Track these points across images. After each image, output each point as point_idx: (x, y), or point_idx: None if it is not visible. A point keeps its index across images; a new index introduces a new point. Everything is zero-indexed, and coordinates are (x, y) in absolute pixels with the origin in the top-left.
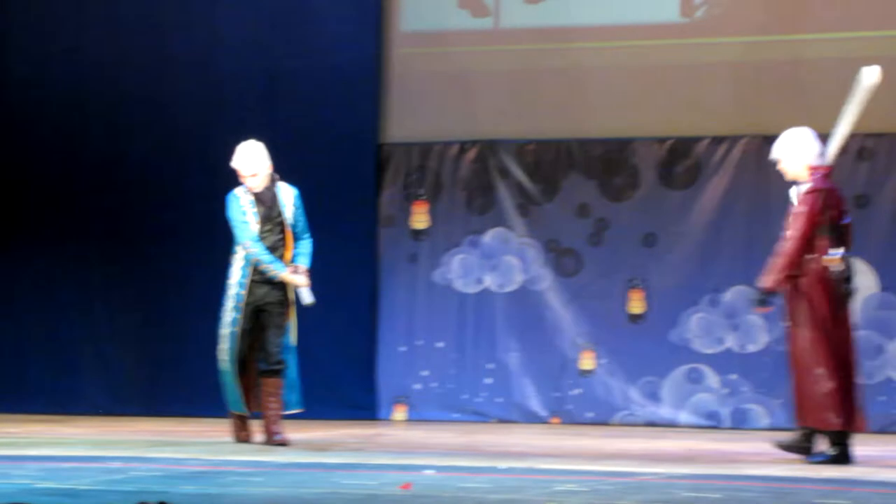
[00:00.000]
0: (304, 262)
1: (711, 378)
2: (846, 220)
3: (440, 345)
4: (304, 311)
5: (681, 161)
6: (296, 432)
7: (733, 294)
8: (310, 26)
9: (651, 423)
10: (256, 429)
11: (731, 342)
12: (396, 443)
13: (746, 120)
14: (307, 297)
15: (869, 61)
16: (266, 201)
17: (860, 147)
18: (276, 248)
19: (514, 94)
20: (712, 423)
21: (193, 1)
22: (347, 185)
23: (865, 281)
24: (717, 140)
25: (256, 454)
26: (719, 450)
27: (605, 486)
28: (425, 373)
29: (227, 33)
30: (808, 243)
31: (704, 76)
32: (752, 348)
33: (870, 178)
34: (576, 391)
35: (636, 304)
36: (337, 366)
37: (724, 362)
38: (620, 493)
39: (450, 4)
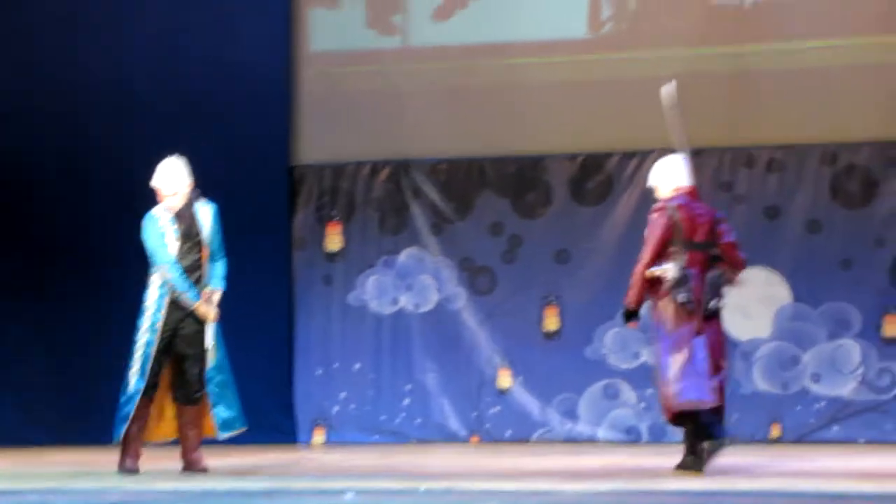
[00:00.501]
0: (218, 285)
1: (628, 393)
2: (727, 240)
3: (357, 366)
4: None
5: (592, 177)
6: (215, 459)
7: (647, 308)
8: (219, 46)
9: (570, 440)
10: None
11: (646, 356)
12: (316, 466)
13: (657, 134)
14: (208, 339)
15: (775, 73)
16: (185, 219)
17: (770, 159)
18: (194, 269)
19: (425, 112)
20: (631, 437)
21: (103, 16)
22: (260, 207)
23: (780, 292)
24: (628, 155)
25: (177, 482)
26: (639, 464)
27: None
28: (343, 395)
29: (138, 49)
30: (658, 260)
31: (613, 91)
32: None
33: (780, 189)
34: (494, 409)
35: (551, 321)
36: (254, 390)
37: (640, 377)
38: None
39: (358, 24)
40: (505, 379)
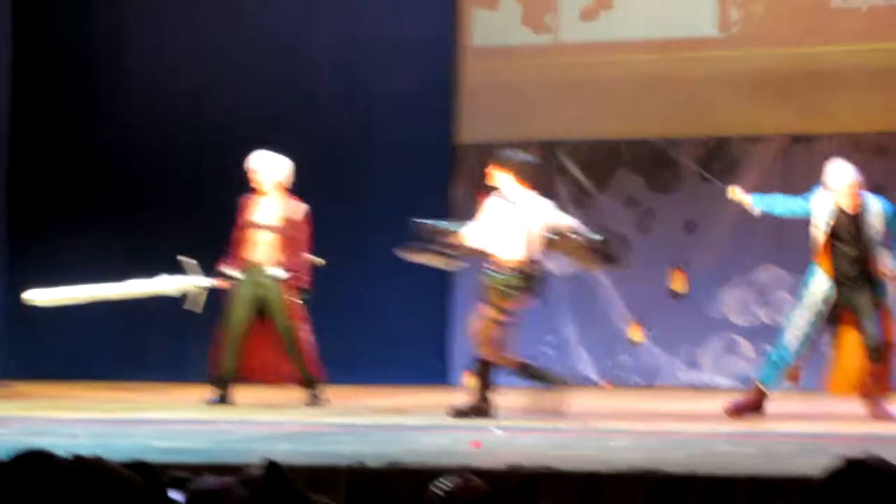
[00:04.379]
0: None
1: (745, 347)
2: None
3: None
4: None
5: (718, 158)
6: (378, 398)
7: (763, 272)
8: (391, 41)
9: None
10: None
11: (764, 315)
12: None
13: (775, 122)
14: None
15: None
16: None
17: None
18: None
19: (571, 100)
20: (747, 386)
21: (282, 25)
22: (424, 181)
23: None
24: (751, 139)
25: (346, 417)
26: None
27: (652, 442)
28: None
29: (321, 42)
30: None
31: (739, 83)
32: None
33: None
34: (624, 358)
35: (678, 283)
36: (412, 333)
37: (757, 333)
38: (667, 447)
39: (514, 22)
40: (636, 332)
